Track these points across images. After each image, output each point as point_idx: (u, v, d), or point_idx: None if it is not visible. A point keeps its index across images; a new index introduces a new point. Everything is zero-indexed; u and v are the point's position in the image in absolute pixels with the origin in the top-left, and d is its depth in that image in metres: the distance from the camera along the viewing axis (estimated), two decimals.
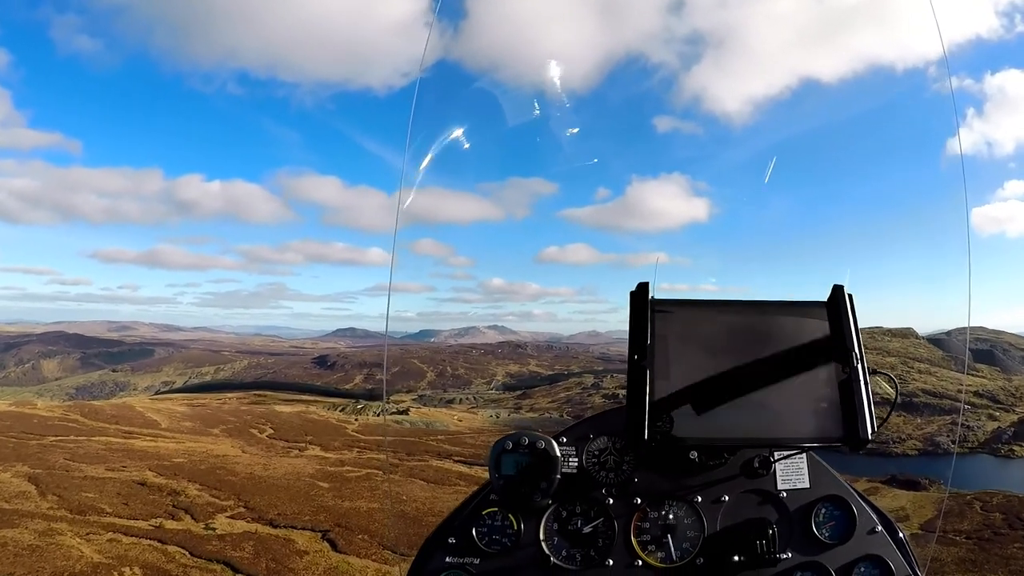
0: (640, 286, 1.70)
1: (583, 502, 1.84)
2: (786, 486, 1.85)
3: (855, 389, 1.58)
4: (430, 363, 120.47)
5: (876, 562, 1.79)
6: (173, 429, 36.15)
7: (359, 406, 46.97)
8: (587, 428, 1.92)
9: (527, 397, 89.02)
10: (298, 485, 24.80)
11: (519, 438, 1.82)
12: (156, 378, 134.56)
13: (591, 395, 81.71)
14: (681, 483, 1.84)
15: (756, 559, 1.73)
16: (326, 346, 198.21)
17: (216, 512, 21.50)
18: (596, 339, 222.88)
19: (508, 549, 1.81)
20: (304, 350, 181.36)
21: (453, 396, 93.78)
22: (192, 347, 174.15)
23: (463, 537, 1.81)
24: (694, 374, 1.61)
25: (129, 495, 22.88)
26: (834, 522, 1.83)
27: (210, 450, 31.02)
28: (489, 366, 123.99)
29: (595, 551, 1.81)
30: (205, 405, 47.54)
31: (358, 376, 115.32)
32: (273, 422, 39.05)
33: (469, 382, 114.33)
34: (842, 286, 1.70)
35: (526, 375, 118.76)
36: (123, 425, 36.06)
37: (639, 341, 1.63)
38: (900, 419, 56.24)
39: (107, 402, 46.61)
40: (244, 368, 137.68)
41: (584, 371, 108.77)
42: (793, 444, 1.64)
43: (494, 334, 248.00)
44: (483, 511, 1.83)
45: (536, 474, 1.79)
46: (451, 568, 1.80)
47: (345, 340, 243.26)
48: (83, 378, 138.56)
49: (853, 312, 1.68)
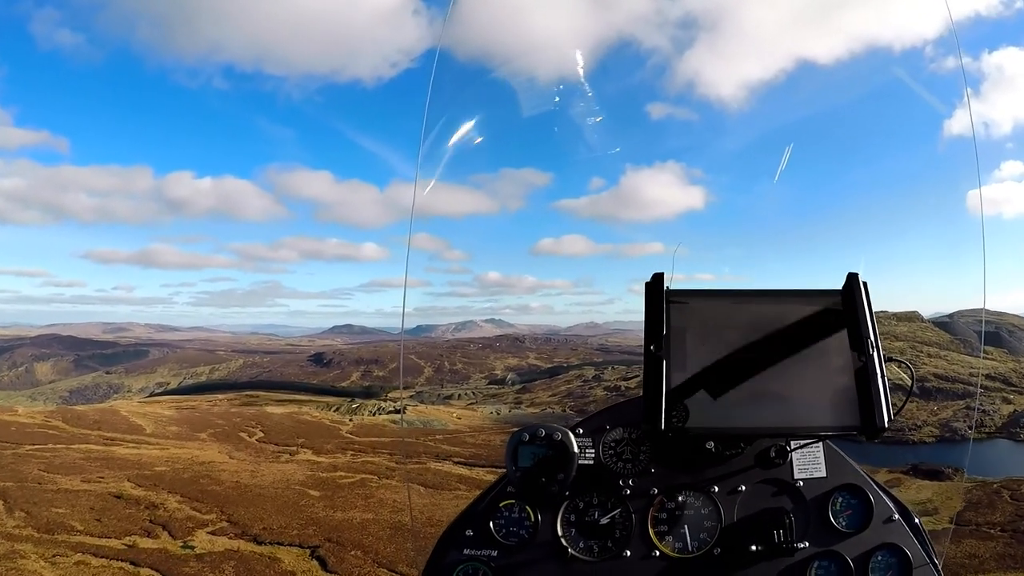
0: (655, 276, 1.72)
1: (600, 493, 1.84)
2: (803, 475, 1.85)
3: (871, 377, 1.58)
4: (427, 359, 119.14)
5: (893, 551, 1.77)
6: (158, 434, 34.43)
7: (354, 405, 45.30)
8: (604, 419, 1.92)
9: (527, 391, 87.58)
10: (287, 494, 23.12)
11: (536, 430, 1.81)
12: (150, 379, 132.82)
13: (592, 388, 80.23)
14: (698, 473, 1.84)
15: (773, 549, 1.71)
16: (323, 343, 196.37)
17: (196, 527, 19.82)
18: (594, 330, 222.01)
19: (525, 541, 1.80)
20: (300, 348, 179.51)
21: (451, 392, 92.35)
22: (187, 347, 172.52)
23: (480, 529, 1.81)
24: (710, 364, 1.63)
25: (104, 510, 21.18)
26: (851, 511, 1.82)
27: (195, 457, 29.32)
28: (488, 360, 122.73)
29: (612, 542, 1.80)
30: (195, 408, 45.82)
31: (355, 373, 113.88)
32: (264, 424, 37.36)
33: (468, 377, 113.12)
34: (856, 274, 1.70)
35: (525, 368, 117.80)
36: (106, 431, 34.32)
37: (655, 332, 1.64)
38: (914, 405, 54.72)
39: (92, 407, 44.84)
40: (239, 367, 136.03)
41: (584, 363, 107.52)
42: (809, 433, 1.67)
43: (492, 328, 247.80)
44: (500, 503, 1.83)
45: (553, 466, 1.78)
46: (469, 560, 1.78)
47: (342, 337, 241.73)
48: (76, 381, 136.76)
49: (868, 300, 1.67)
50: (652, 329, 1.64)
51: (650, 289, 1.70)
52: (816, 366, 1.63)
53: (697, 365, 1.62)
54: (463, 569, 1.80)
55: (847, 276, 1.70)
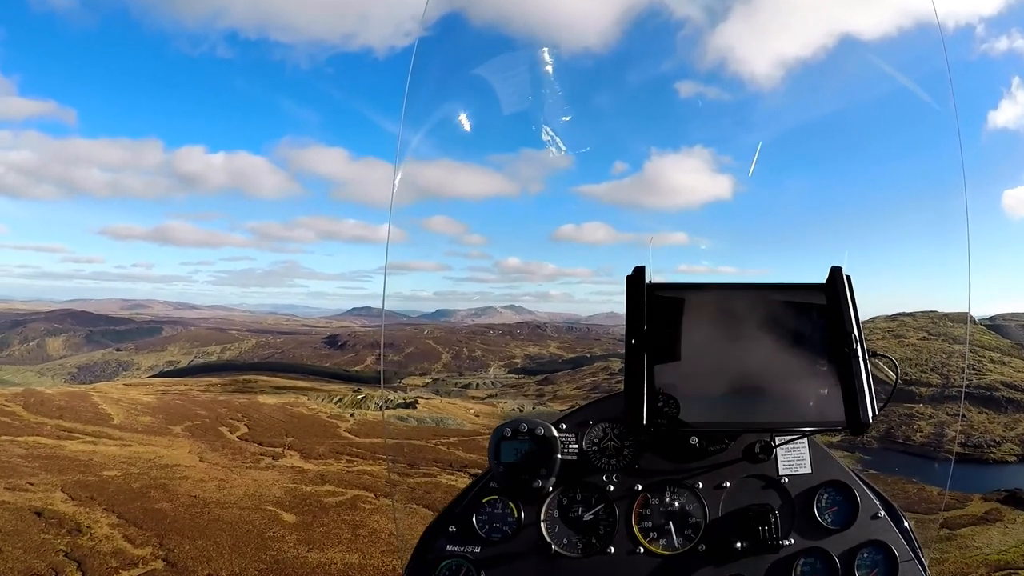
0: (636, 270, 1.69)
1: (584, 489, 1.81)
2: (788, 471, 1.82)
3: (855, 372, 1.58)
4: (445, 344, 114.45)
5: (879, 547, 1.76)
6: (125, 426, 29.47)
7: (359, 396, 39.96)
8: (587, 414, 1.88)
9: (550, 382, 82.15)
10: (253, 519, 17.87)
11: (518, 425, 1.76)
12: (160, 357, 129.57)
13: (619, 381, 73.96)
14: (682, 469, 1.82)
15: (759, 545, 1.69)
16: (340, 325, 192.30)
17: (120, 568, 14.69)
18: (615, 320, 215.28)
19: (509, 537, 1.77)
20: (317, 329, 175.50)
21: (469, 380, 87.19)
22: (202, 326, 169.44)
23: (463, 525, 1.77)
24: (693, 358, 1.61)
25: (12, 534, 16.11)
26: (836, 507, 1.80)
27: (158, 458, 24.24)
28: (507, 347, 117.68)
29: (596, 538, 1.77)
30: (183, 393, 40.91)
31: (369, 357, 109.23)
32: (251, 417, 32.27)
33: (486, 365, 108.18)
34: (840, 268, 1.68)
35: (546, 357, 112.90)
36: (66, 421, 29.47)
37: (636, 325, 1.62)
38: (983, 417, 48.36)
39: (61, 389, 40.10)
40: (251, 348, 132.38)
41: (609, 355, 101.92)
42: (794, 428, 1.63)
43: (511, 314, 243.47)
44: (483, 499, 1.79)
45: (536, 461, 1.75)
46: (452, 557, 1.75)
47: (360, 319, 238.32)
48: (86, 357, 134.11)
49: (852, 294, 1.67)
50: (633, 323, 1.61)
51: (631, 282, 1.67)
52: (800, 361, 1.60)
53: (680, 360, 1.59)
54: (447, 565, 1.74)
55: (830, 270, 1.68)
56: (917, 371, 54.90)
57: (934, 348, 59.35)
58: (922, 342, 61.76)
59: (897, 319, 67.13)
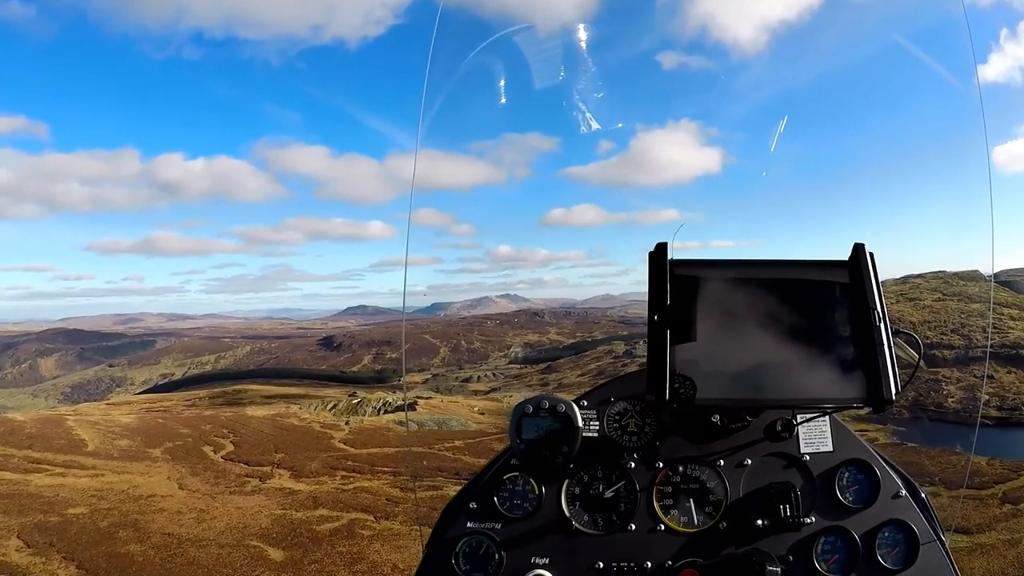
0: (659, 246, 1.68)
1: (605, 466, 1.80)
2: (809, 449, 1.81)
3: (878, 349, 1.55)
4: (443, 338, 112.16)
5: (900, 527, 1.73)
6: (100, 453, 27.10)
7: (355, 401, 37.59)
8: (608, 391, 1.88)
9: (552, 370, 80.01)
10: (233, 558, 15.56)
11: (540, 402, 1.73)
12: (154, 371, 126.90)
13: (625, 364, 72.31)
14: (703, 447, 1.81)
15: (780, 524, 1.67)
16: (335, 326, 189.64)
17: None
18: (611, 302, 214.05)
19: (529, 514, 1.76)
20: (312, 331, 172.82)
21: (470, 374, 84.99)
22: (195, 336, 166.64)
23: (484, 502, 1.77)
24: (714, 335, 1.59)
25: None
26: (858, 486, 1.78)
27: (133, 488, 21.89)
28: (506, 337, 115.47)
29: (617, 516, 1.77)
30: (167, 410, 38.50)
31: (366, 357, 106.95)
32: (238, 433, 29.91)
33: (486, 356, 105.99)
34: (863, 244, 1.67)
35: (547, 344, 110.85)
36: (36, 451, 27.07)
37: (658, 302, 1.61)
38: (1012, 377, 46.37)
39: (35, 415, 37.62)
40: (247, 354, 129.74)
41: (611, 337, 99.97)
42: (816, 405, 1.62)
43: (507, 303, 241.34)
44: (504, 476, 1.79)
45: (557, 438, 1.72)
46: (473, 533, 1.74)
47: (356, 318, 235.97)
48: (79, 375, 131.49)
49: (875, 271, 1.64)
50: (656, 299, 1.60)
51: (653, 259, 1.66)
52: (823, 338, 1.58)
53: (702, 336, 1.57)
54: (467, 542, 1.74)
55: (853, 247, 1.67)
56: (937, 333, 52.94)
57: (951, 309, 57.35)
58: (938, 303, 59.75)
59: (908, 281, 65.10)
